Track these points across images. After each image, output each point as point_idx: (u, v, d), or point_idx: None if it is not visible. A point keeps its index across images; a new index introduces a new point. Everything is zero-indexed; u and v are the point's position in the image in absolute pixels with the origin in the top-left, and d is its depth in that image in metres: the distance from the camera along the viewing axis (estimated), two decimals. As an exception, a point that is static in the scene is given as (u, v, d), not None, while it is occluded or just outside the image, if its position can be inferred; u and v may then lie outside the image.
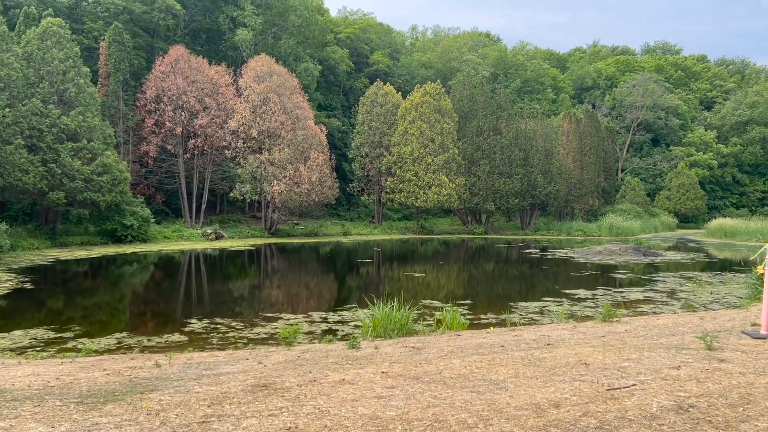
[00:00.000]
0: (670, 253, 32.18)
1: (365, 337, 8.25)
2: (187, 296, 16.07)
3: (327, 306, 13.97)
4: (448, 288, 17.87)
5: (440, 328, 9.31)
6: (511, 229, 59.14)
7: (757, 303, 11.95)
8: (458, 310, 12.84)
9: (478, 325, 11.39)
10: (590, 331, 8.20)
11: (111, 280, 19.22)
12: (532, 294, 16.69)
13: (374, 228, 52.94)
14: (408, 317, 9.06)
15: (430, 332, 9.13)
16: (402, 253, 33.15)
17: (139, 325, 11.66)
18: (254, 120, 40.98)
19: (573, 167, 60.88)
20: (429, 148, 50.48)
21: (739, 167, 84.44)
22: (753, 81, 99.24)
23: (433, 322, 10.23)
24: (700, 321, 8.82)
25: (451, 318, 9.57)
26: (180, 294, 16.49)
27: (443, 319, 9.81)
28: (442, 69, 74.14)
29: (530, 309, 13.70)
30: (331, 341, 8.11)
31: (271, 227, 42.85)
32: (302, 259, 28.04)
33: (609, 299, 15.17)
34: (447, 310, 10.29)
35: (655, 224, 63.12)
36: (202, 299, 15.43)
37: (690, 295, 16.06)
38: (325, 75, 59.69)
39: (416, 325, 11.06)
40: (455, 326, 9.47)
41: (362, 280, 20.25)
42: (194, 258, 27.44)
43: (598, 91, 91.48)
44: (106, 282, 18.75)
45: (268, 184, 40.07)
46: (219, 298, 15.59)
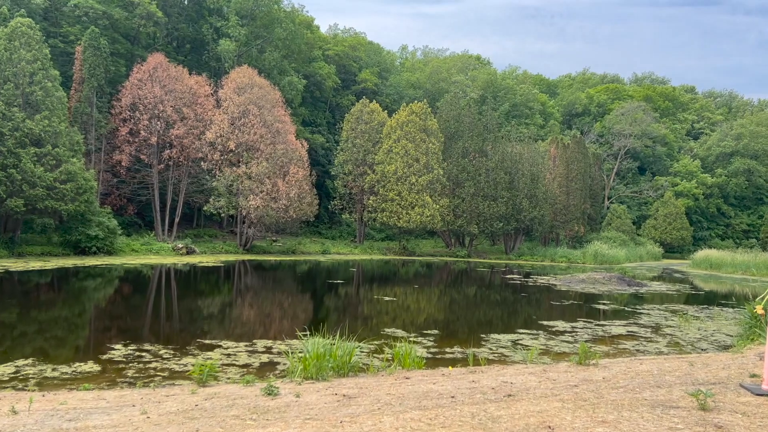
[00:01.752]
0: (656, 284, 31.13)
1: (293, 377, 6.91)
2: (127, 317, 14.63)
3: (277, 333, 12.60)
4: (417, 315, 16.56)
5: (389, 367, 8.00)
6: (494, 253, 58.02)
7: (751, 345, 10.77)
8: (419, 344, 11.54)
9: (440, 361, 10.09)
10: (562, 377, 6.93)
11: (53, 295, 17.73)
12: (507, 325, 15.43)
13: (355, 247, 51.61)
14: (351, 353, 7.74)
15: (377, 372, 7.82)
16: (378, 275, 31.82)
17: (52, 350, 10.22)
18: (232, 132, 39.74)
19: (559, 192, 60.09)
20: (413, 167, 49.46)
21: (724, 198, 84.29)
22: (740, 114, 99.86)
23: (388, 356, 8.89)
24: (690, 368, 7.59)
25: (405, 354, 8.26)
26: (121, 314, 15.05)
27: (395, 355, 8.50)
28: (431, 89, 73.56)
29: (502, 342, 12.42)
30: (249, 382, 6.76)
31: (247, 243, 41.38)
32: (271, 279, 26.64)
33: (589, 333, 13.95)
34: (403, 345, 8.99)
35: (641, 253, 62.32)
36: (143, 321, 14.01)
37: (676, 331, 14.88)
38: (310, 90, 58.71)
39: (370, 359, 9.76)
40: (408, 364, 8.16)
41: (327, 303, 18.90)
42: (156, 274, 25.93)
43: (587, 117, 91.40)
44: (45, 297, 17.24)
45: (244, 199, 38.71)
46: (162, 321, 14.18)
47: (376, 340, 11.99)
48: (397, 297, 20.80)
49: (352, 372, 7.68)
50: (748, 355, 9.05)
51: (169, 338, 11.54)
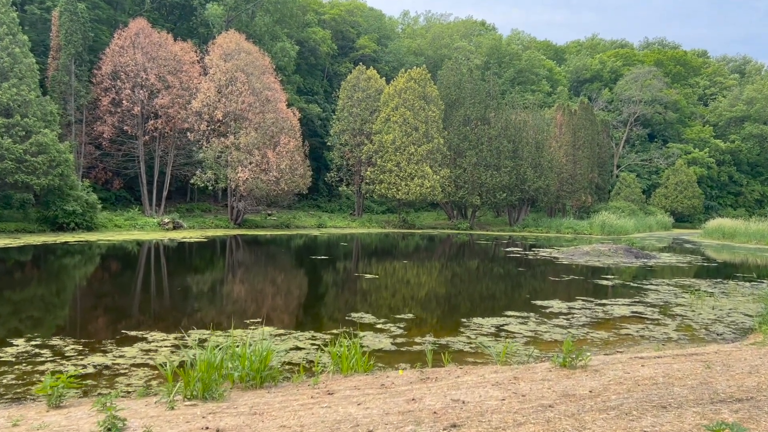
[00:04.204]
0: (665, 255, 29.27)
1: (168, 396, 5.21)
2: (65, 302, 13.05)
3: (223, 321, 10.96)
4: (395, 296, 14.88)
5: (318, 376, 6.30)
6: (498, 225, 56.20)
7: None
8: (385, 332, 9.84)
9: (400, 357, 8.41)
10: (536, 389, 5.20)
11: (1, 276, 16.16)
12: (495, 306, 13.72)
13: (353, 221, 49.92)
14: (265, 358, 6.03)
15: (300, 381, 6.14)
16: (370, 250, 30.17)
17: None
18: (219, 100, 37.81)
19: (565, 161, 57.87)
20: (412, 137, 47.41)
21: (737, 166, 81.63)
22: (752, 79, 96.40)
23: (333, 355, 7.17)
24: (706, 372, 5.83)
25: (343, 356, 6.55)
26: (62, 298, 13.47)
27: (332, 357, 6.79)
28: (433, 56, 70.91)
29: (484, 328, 10.73)
30: (104, 406, 5.07)
31: (238, 218, 39.75)
32: (250, 256, 25.05)
33: (587, 316, 12.22)
34: (350, 341, 7.29)
35: (650, 223, 60.27)
36: (81, 306, 12.42)
37: (687, 311, 13.13)
38: (305, 57, 56.43)
39: (322, 354, 8.10)
40: (347, 368, 6.46)
41: (299, 284, 17.26)
42: (131, 251, 24.38)
43: (596, 84, 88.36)
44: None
45: (233, 171, 36.96)
46: (103, 305, 12.60)
47: (336, 328, 10.33)
48: (382, 274, 19.13)
49: (268, 381, 5.99)
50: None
51: (91, 329, 9.92)
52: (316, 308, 12.87)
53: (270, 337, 9.41)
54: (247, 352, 6.02)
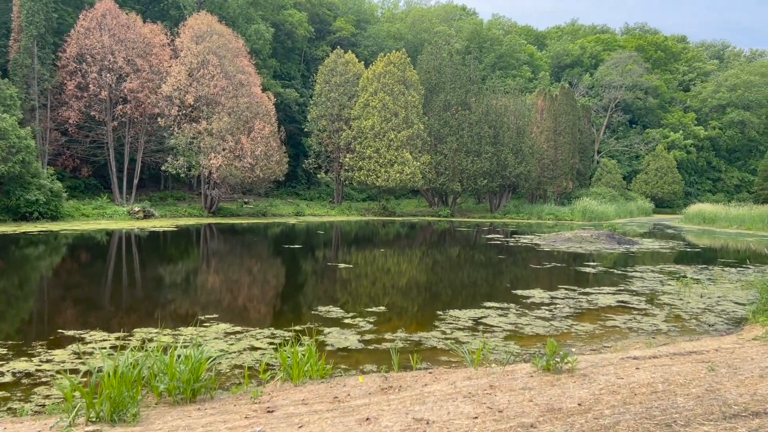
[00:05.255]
0: (647, 241, 28.79)
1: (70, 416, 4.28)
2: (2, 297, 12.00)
3: (174, 318, 10.03)
4: (368, 287, 14.03)
5: (264, 385, 5.43)
6: (479, 212, 55.61)
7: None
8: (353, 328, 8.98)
9: (367, 357, 7.57)
10: (515, 401, 4.38)
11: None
12: (473, 296, 12.93)
13: (332, 209, 48.93)
14: (199, 368, 5.13)
15: (240, 394, 5.26)
16: (349, 238, 29.29)
17: None
18: (191, 84, 36.47)
19: (546, 147, 57.36)
20: (392, 122, 46.43)
21: (716, 152, 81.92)
22: (731, 64, 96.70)
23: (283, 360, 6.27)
24: (711, 376, 5.06)
25: (294, 363, 5.66)
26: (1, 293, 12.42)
27: (282, 362, 5.90)
28: (413, 41, 69.75)
29: (461, 321, 9.93)
30: None
31: (212, 206, 38.57)
32: (222, 245, 24.03)
33: (571, 306, 11.49)
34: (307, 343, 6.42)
35: (631, 209, 60.13)
36: (21, 302, 11.38)
37: (675, 299, 12.47)
38: (281, 40, 54.98)
39: (276, 357, 7.23)
40: (298, 376, 5.58)
41: (266, 275, 16.34)
42: (94, 241, 23.21)
43: (577, 69, 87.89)
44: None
45: (205, 157, 35.73)
46: (47, 301, 11.59)
47: (300, 324, 9.46)
48: (357, 264, 18.28)
49: (203, 393, 5.11)
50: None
51: (23, 329, 8.92)
52: (280, 302, 11.98)
53: (224, 336, 8.53)
54: (176, 360, 5.11)
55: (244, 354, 7.64)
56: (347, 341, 8.39)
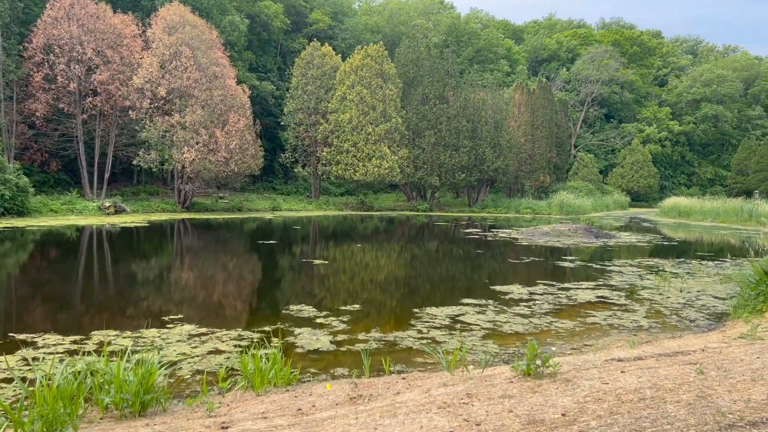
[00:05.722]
0: (624, 234, 28.82)
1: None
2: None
3: (134, 319, 9.54)
4: (343, 284, 13.63)
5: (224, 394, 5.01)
6: (458, 206, 55.48)
7: (761, 319, 8.10)
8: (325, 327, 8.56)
9: (338, 360, 7.18)
10: (493, 416, 4.03)
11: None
12: (451, 292, 12.61)
13: (309, 203, 48.36)
14: (149, 378, 4.68)
15: (195, 406, 4.83)
16: (326, 233, 28.84)
17: None
18: (163, 76, 35.59)
19: (524, 141, 57.42)
20: (369, 116, 45.98)
21: (690, 146, 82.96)
22: (705, 59, 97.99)
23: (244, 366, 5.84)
24: (700, 380, 4.77)
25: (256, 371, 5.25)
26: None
27: (243, 368, 5.48)
28: (390, 34, 69.26)
29: (438, 319, 9.59)
30: None
31: (186, 201, 37.77)
32: (193, 241, 23.42)
33: (550, 302, 11.22)
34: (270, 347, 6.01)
35: (608, 202, 60.54)
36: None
37: (655, 294, 12.29)
38: (257, 32, 54.09)
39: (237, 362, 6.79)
40: (261, 384, 5.17)
41: (238, 272, 15.85)
42: (61, 237, 22.44)
43: (554, 63, 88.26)
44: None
45: (178, 151, 34.93)
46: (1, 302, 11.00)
47: (270, 324, 9.03)
48: (333, 260, 17.87)
49: (153, 405, 4.67)
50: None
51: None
52: (251, 301, 11.52)
53: (188, 338, 8.08)
54: (124, 368, 4.66)
55: (208, 358, 7.20)
56: (318, 342, 7.99)
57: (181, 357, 7.24)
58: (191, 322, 9.01)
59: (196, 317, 9.46)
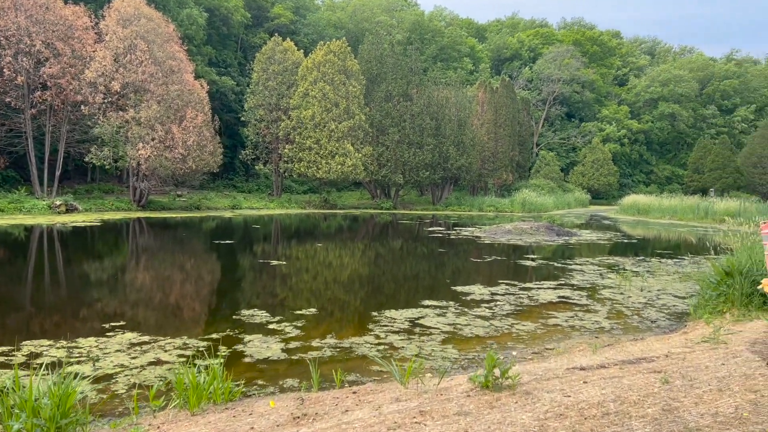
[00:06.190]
0: (585, 232, 29.03)
1: None
2: None
3: (70, 328, 8.92)
4: (301, 287, 13.16)
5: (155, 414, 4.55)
6: (422, 204, 55.39)
7: (723, 321, 7.98)
8: (277, 334, 8.10)
9: (284, 372, 6.74)
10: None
11: None
12: (412, 294, 12.28)
13: (271, 201, 47.54)
14: (68, 398, 4.19)
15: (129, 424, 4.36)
16: (287, 232, 28.25)
17: None
18: (117, 70, 34.37)
19: (487, 139, 57.67)
20: (332, 112, 45.41)
21: (647, 145, 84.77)
22: (662, 60, 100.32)
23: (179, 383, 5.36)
24: (665, 390, 4.51)
25: (192, 386, 4.79)
26: None
27: (177, 386, 5.01)
28: (354, 30, 68.70)
29: (397, 322, 9.24)
30: None
31: (141, 199, 36.60)
32: (145, 241, 22.58)
33: (511, 303, 10.99)
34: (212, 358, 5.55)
35: (569, 200, 61.31)
36: None
37: (616, 294, 12.19)
38: (216, 27, 52.91)
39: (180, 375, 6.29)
40: (195, 404, 4.71)
41: (190, 274, 15.23)
42: (2, 238, 21.35)
43: (517, 62, 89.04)
44: None
45: (133, 148, 33.79)
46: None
47: (218, 331, 8.53)
48: (293, 260, 17.37)
49: (71, 431, 4.17)
50: (732, 344, 6.14)
51: None
52: (200, 306, 10.96)
53: (128, 348, 7.53)
54: (38, 388, 4.15)
55: (148, 369, 6.69)
56: (269, 351, 7.54)
57: (118, 369, 6.71)
58: (134, 330, 8.45)
59: (140, 324, 8.89)
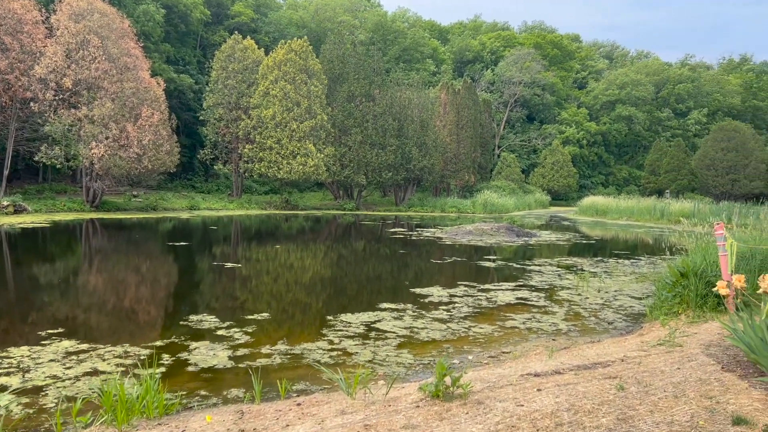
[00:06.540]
0: (545, 233, 29.29)
1: None
2: None
3: (17, 333, 8.39)
4: (255, 291, 12.77)
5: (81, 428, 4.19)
6: (385, 205, 55.23)
7: (678, 322, 7.97)
8: (226, 340, 7.74)
9: (229, 382, 6.41)
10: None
11: None
12: (369, 297, 12.04)
13: (230, 202, 46.66)
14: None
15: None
16: (246, 234, 27.67)
17: None
18: (69, 66, 33.17)
19: (449, 141, 57.88)
20: (294, 112, 44.83)
21: (605, 146, 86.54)
22: (619, 64, 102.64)
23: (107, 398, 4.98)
24: (621, 398, 4.37)
25: (121, 400, 4.44)
26: None
27: (105, 402, 4.64)
28: (316, 29, 68.16)
29: (353, 326, 8.99)
30: None
31: (95, 200, 35.41)
32: (95, 243, 21.78)
33: (469, 305, 10.84)
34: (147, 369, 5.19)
35: (530, 201, 62.03)
36: None
37: (574, 295, 12.19)
38: (174, 24, 51.75)
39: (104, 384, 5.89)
40: (124, 420, 4.36)
41: (139, 278, 14.67)
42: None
43: (479, 65, 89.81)
44: None
45: (86, 146, 32.67)
46: None
47: (163, 338, 8.12)
48: (248, 262, 16.93)
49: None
50: (687, 347, 6.08)
51: None
52: (146, 311, 10.49)
53: (64, 357, 7.07)
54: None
55: (83, 380, 6.27)
56: (215, 359, 7.19)
57: (49, 381, 6.28)
58: (72, 337, 7.98)
59: (80, 331, 8.41)
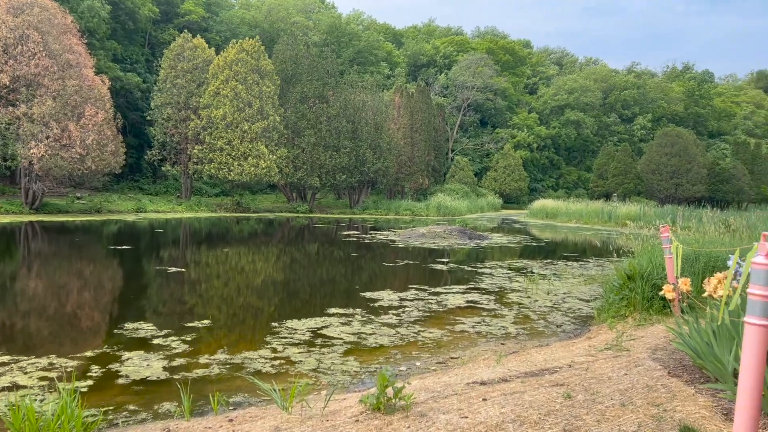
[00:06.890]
0: (496, 236, 29.54)
1: None
2: None
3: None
4: (197, 297, 12.29)
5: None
6: (339, 207, 54.83)
7: (625, 326, 7.98)
8: (163, 349, 7.31)
9: (161, 395, 6.02)
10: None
11: None
12: (318, 302, 11.73)
13: (179, 204, 45.41)
14: None
15: None
16: (194, 237, 26.89)
17: None
18: (6, 62, 31.65)
19: (404, 144, 57.96)
20: (245, 113, 44.01)
21: (556, 150, 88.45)
22: (569, 70, 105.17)
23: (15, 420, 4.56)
24: (568, 406, 4.24)
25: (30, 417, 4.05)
26: None
27: (13, 426, 4.23)
28: (269, 30, 67.26)
29: (298, 333, 8.68)
30: None
31: (34, 201, 33.86)
32: (32, 247, 20.75)
33: (419, 308, 10.68)
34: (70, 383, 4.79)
35: (482, 204, 62.70)
36: None
37: (523, 297, 12.19)
38: (121, 21, 50.15)
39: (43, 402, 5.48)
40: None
41: (73, 284, 13.97)
42: None
43: (432, 69, 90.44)
44: None
45: (25, 146, 31.21)
46: None
47: (94, 348, 7.63)
48: (191, 267, 16.36)
49: None
50: (635, 351, 6.04)
51: None
52: (78, 319, 9.91)
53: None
54: None
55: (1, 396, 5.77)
56: (149, 369, 6.77)
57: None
58: None
59: (1, 342, 7.83)
